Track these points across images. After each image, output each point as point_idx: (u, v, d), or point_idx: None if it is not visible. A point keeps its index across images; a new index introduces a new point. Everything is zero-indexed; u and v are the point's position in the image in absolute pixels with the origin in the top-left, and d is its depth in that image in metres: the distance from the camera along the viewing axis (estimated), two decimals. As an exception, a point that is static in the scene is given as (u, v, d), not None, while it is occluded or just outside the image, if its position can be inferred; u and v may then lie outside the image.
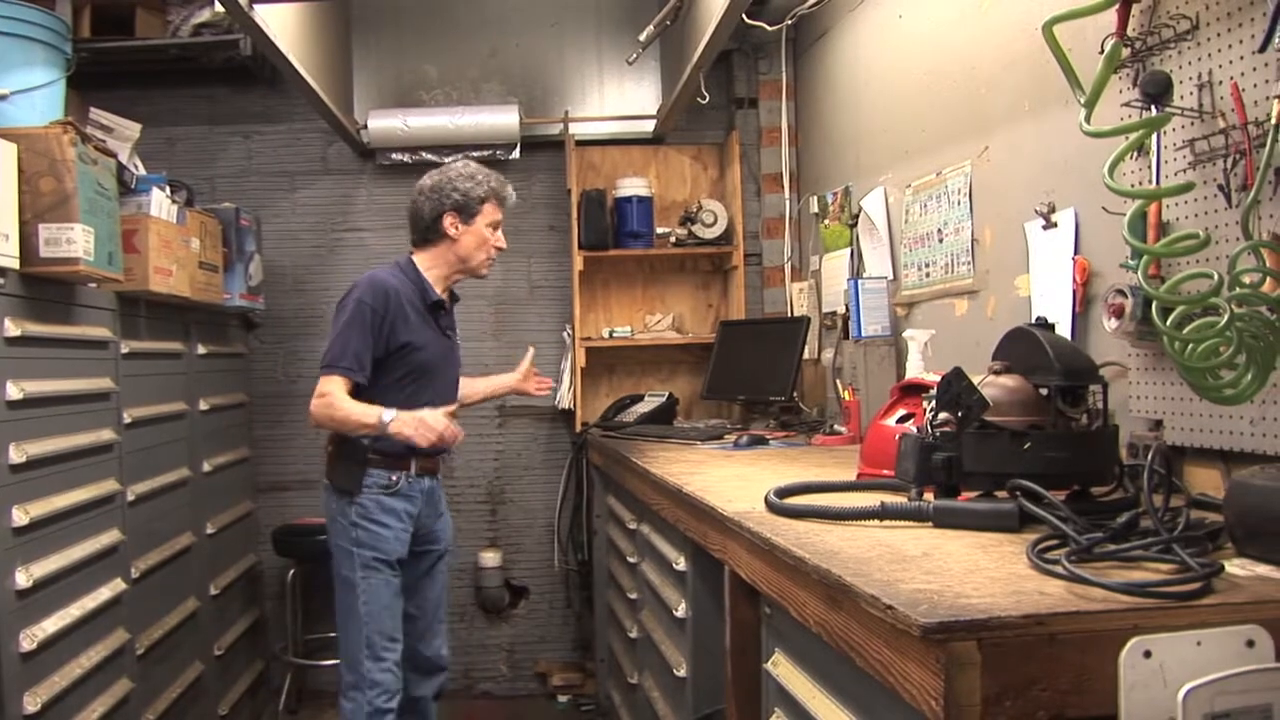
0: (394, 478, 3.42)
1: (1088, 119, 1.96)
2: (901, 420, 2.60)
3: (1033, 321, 2.25)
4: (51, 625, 2.80)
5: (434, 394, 3.44)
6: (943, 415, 2.08)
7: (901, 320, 3.84)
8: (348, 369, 3.28)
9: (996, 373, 2.15)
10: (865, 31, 4.24)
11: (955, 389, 2.04)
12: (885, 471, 2.47)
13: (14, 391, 2.67)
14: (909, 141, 3.80)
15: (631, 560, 3.89)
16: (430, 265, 3.50)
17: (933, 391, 2.16)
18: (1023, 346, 2.16)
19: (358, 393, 3.30)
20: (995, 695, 1.31)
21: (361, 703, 3.35)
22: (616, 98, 5.48)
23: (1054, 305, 2.75)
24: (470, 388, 3.86)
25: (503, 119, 5.17)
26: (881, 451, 2.54)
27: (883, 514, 2.01)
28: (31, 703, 2.67)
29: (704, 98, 4.81)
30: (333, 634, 5.05)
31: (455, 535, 3.78)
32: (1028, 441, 1.98)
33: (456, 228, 3.45)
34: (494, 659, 5.37)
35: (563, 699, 5.21)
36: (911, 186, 3.73)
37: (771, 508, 2.19)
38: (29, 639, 2.68)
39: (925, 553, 1.74)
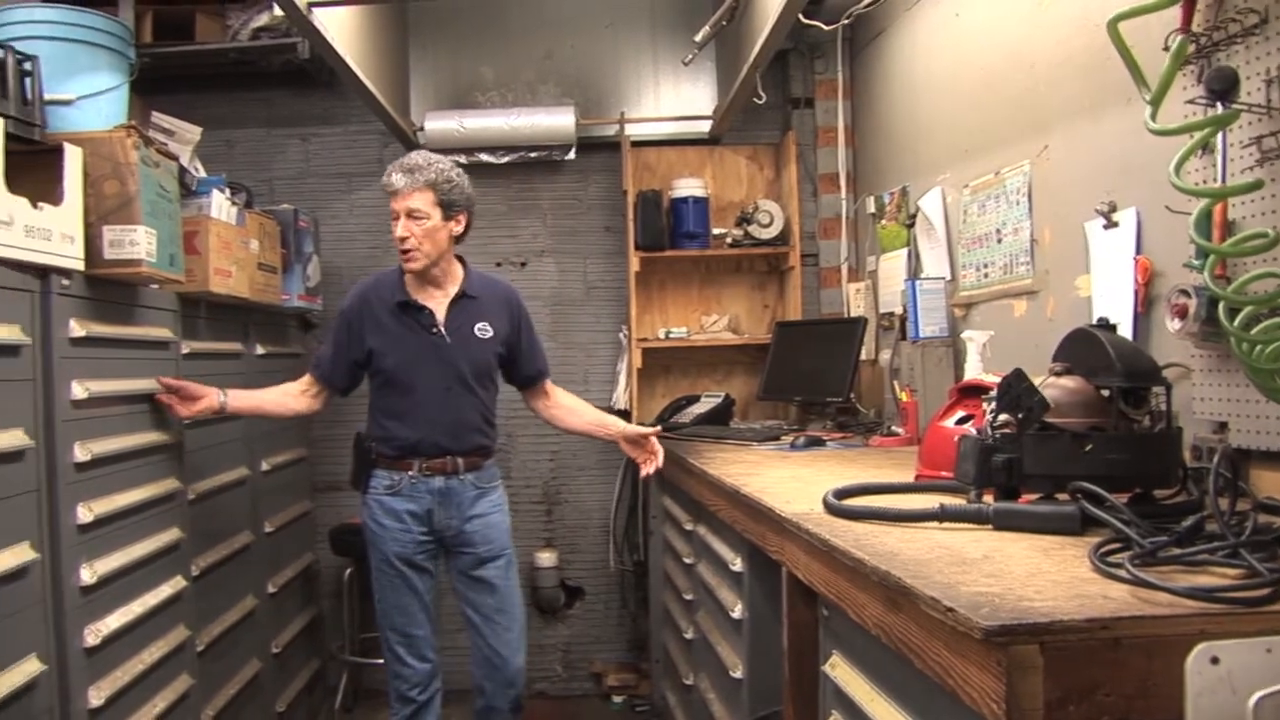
0: (395, 478, 3.51)
1: (1153, 116, 1.93)
2: (960, 422, 2.58)
3: (1094, 322, 2.22)
4: (115, 621, 2.83)
5: (418, 394, 3.47)
6: (1003, 417, 2.06)
7: (959, 321, 3.81)
8: (314, 366, 3.65)
9: (1057, 374, 2.12)
10: (922, 30, 4.21)
11: (1016, 390, 2.02)
12: (944, 473, 2.45)
13: (79, 391, 2.71)
14: (967, 141, 3.77)
15: (687, 561, 3.88)
16: None
17: (993, 393, 2.14)
18: (1084, 347, 2.13)
19: (377, 397, 3.57)
20: (1058, 700, 1.29)
21: (391, 689, 3.62)
22: (672, 98, 5.48)
23: (1115, 306, 2.71)
24: (576, 415, 3.81)
25: (559, 120, 5.18)
26: (940, 453, 2.52)
27: (942, 516, 1.99)
28: (96, 697, 2.70)
29: (760, 98, 4.80)
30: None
31: (507, 538, 3.67)
32: (1089, 443, 1.95)
33: None
34: (550, 659, 5.38)
35: (617, 699, 5.21)
36: (969, 186, 3.69)
37: (830, 509, 2.18)
38: (93, 634, 2.71)
39: (986, 555, 1.72)
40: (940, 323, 3.84)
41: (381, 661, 4.88)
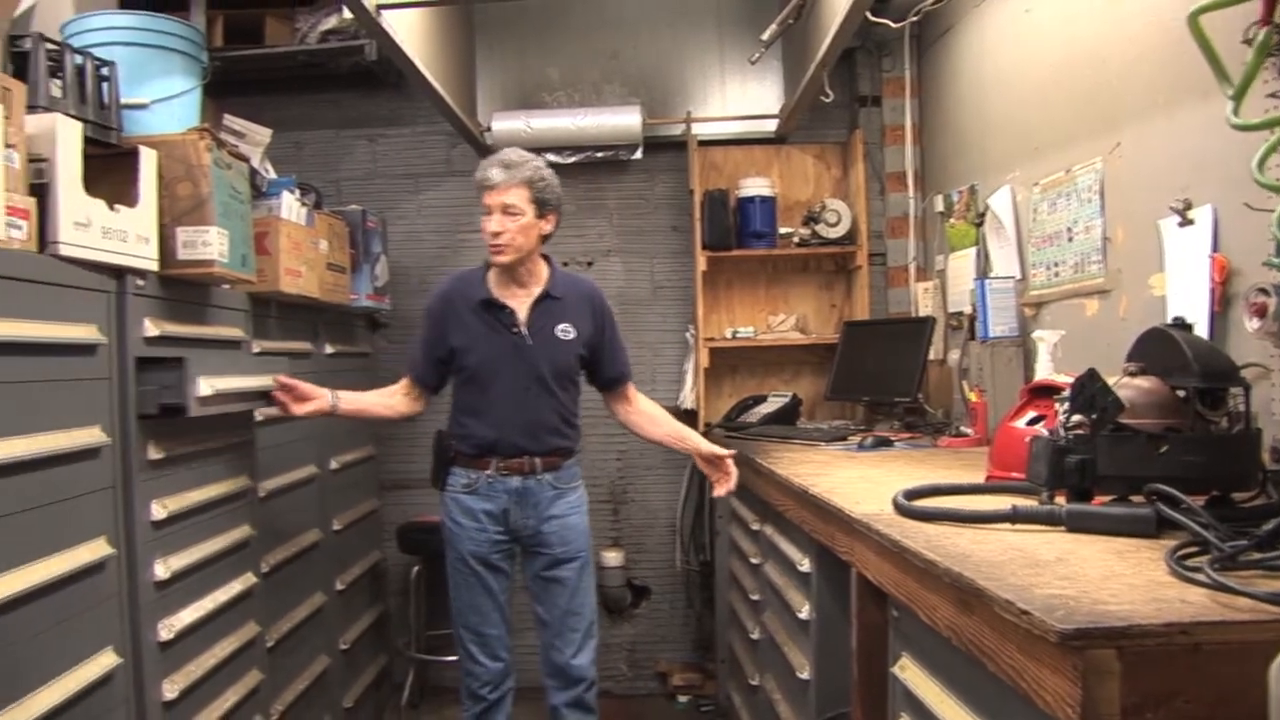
0: (472, 477, 3.50)
1: (1235, 111, 1.89)
2: (1032, 422, 2.55)
3: (1169, 321, 2.19)
4: (188, 616, 2.86)
5: (496, 393, 3.45)
6: (1076, 417, 2.03)
7: (1029, 321, 3.76)
8: (409, 368, 3.65)
9: (1131, 374, 2.09)
10: (991, 26, 4.16)
11: (1090, 390, 1.99)
12: (1015, 474, 2.42)
13: (152, 389, 2.75)
14: (1037, 138, 3.72)
15: (754, 561, 3.87)
16: None
17: (1065, 393, 2.11)
18: (1159, 347, 2.10)
19: (458, 394, 3.57)
20: (1135, 706, 1.27)
21: (463, 686, 3.62)
22: (739, 97, 5.46)
23: (1190, 305, 2.66)
24: (655, 424, 3.75)
25: (625, 120, 5.19)
26: (1011, 454, 2.49)
27: (1014, 517, 1.97)
28: (169, 690, 2.74)
29: (828, 96, 4.78)
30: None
31: (584, 540, 3.62)
32: (1165, 445, 1.92)
33: None
34: (615, 658, 5.39)
35: (682, 699, 5.20)
36: (1039, 184, 3.65)
37: (900, 510, 2.16)
38: (167, 629, 2.75)
39: (1059, 557, 1.69)
40: (1010, 322, 3.80)
41: (447, 659, 4.97)
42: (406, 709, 5.04)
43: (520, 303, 3.50)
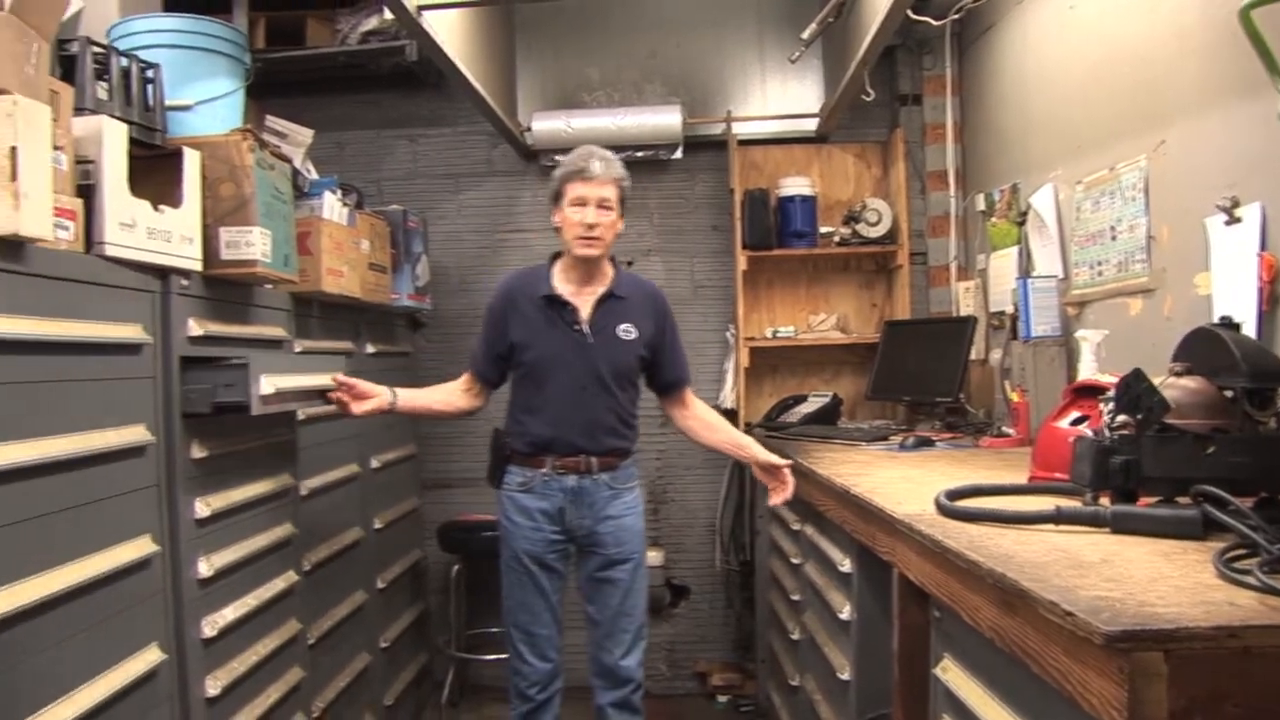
0: (528, 475, 3.49)
1: (1285, 107, 1.87)
2: (1075, 423, 2.53)
3: (1216, 321, 2.16)
4: (231, 613, 2.88)
5: (553, 390, 3.44)
6: (1121, 417, 2.01)
7: (1072, 320, 3.73)
8: (470, 363, 3.65)
9: (1177, 374, 2.07)
10: (1034, 23, 4.13)
11: (1135, 390, 1.97)
12: (1058, 475, 2.40)
13: (197, 388, 2.77)
14: (1079, 136, 3.69)
15: (795, 561, 3.86)
16: (562, 260, 3.55)
17: (1110, 393, 2.09)
18: (1205, 347, 2.07)
19: (515, 391, 3.55)
20: (1183, 709, 1.25)
21: (511, 684, 3.60)
22: (779, 96, 5.45)
23: (1237, 304, 2.63)
24: (712, 430, 3.70)
25: (665, 119, 5.19)
26: (1054, 454, 2.47)
27: (1058, 518, 1.95)
28: (213, 686, 2.76)
29: (868, 95, 4.75)
30: (495, 629, 5.17)
31: (639, 542, 3.60)
32: (1212, 445, 1.90)
33: (556, 217, 3.50)
34: (654, 658, 5.38)
35: (722, 699, 5.20)
36: (1083, 183, 3.62)
37: (942, 510, 2.15)
38: (210, 625, 2.77)
39: (1104, 559, 1.68)
40: (1052, 322, 3.77)
41: (487, 657, 4.99)
42: (446, 707, 5.06)
43: (584, 300, 3.48)
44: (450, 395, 3.64)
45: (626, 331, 3.49)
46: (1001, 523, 2.02)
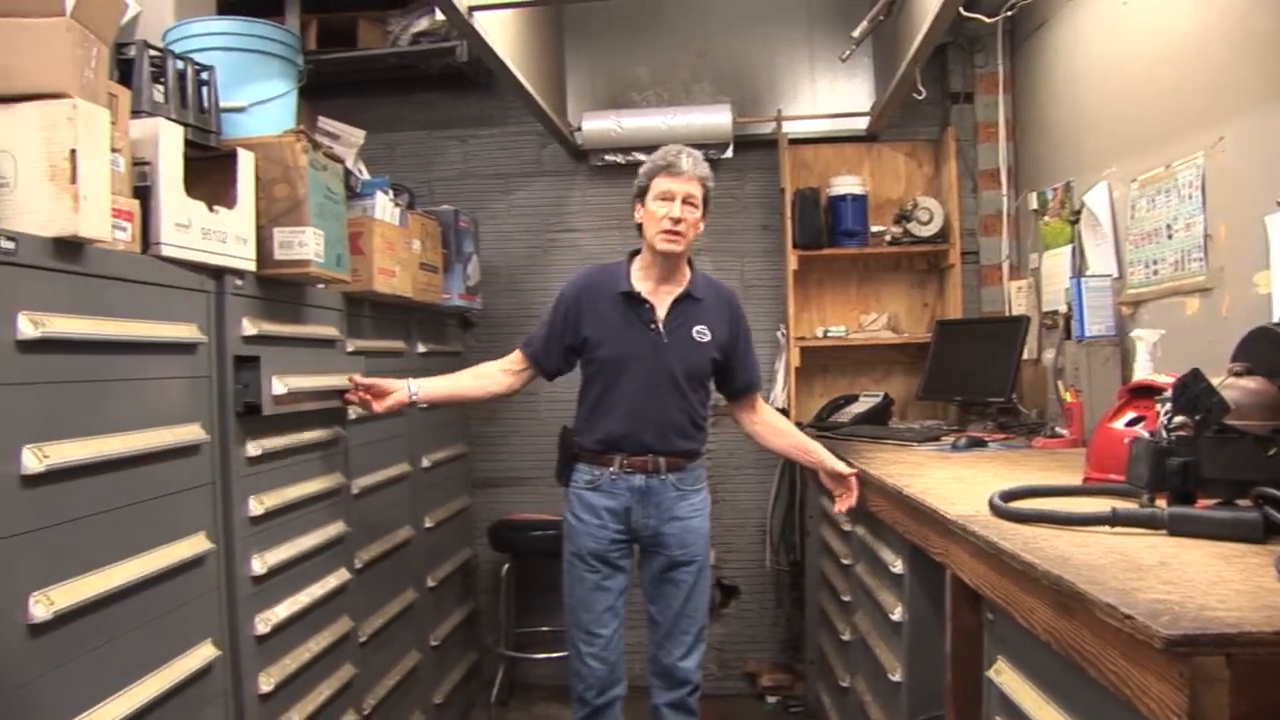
0: (596, 473, 3.47)
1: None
2: (1131, 423, 2.49)
3: (1276, 320, 2.13)
4: (284, 611, 2.91)
5: (625, 388, 3.42)
6: (1179, 418, 1.98)
7: (1127, 320, 3.68)
8: (525, 344, 3.62)
9: (1237, 374, 2.04)
10: (1087, 19, 4.08)
11: (1194, 390, 1.94)
12: (1113, 476, 2.38)
13: (250, 387, 2.79)
14: (1134, 133, 3.65)
15: (845, 562, 3.84)
16: (640, 257, 3.54)
17: (1167, 394, 2.06)
18: (1266, 346, 2.04)
19: (586, 388, 3.54)
20: (1245, 715, 1.23)
21: (572, 688, 3.57)
22: (829, 95, 5.43)
23: (1299, 303, 2.59)
24: (780, 435, 3.70)
25: (715, 119, 5.17)
26: (1110, 455, 2.44)
27: (1114, 520, 1.93)
28: (265, 682, 2.78)
29: (920, 93, 4.72)
30: (544, 628, 5.18)
31: (704, 544, 3.56)
32: (1273, 447, 1.87)
33: (639, 213, 3.48)
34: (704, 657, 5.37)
35: (771, 699, 5.18)
36: (1138, 180, 3.57)
37: (996, 511, 2.13)
38: (264, 622, 2.79)
39: (1162, 561, 1.66)
40: (1107, 321, 3.72)
41: (536, 656, 5.01)
42: (495, 706, 5.08)
43: (661, 300, 3.47)
44: (483, 379, 3.62)
45: (701, 334, 3.48)
46: (1056, 524, 2.00)
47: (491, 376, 3.62)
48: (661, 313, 3.45)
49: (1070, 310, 3.86)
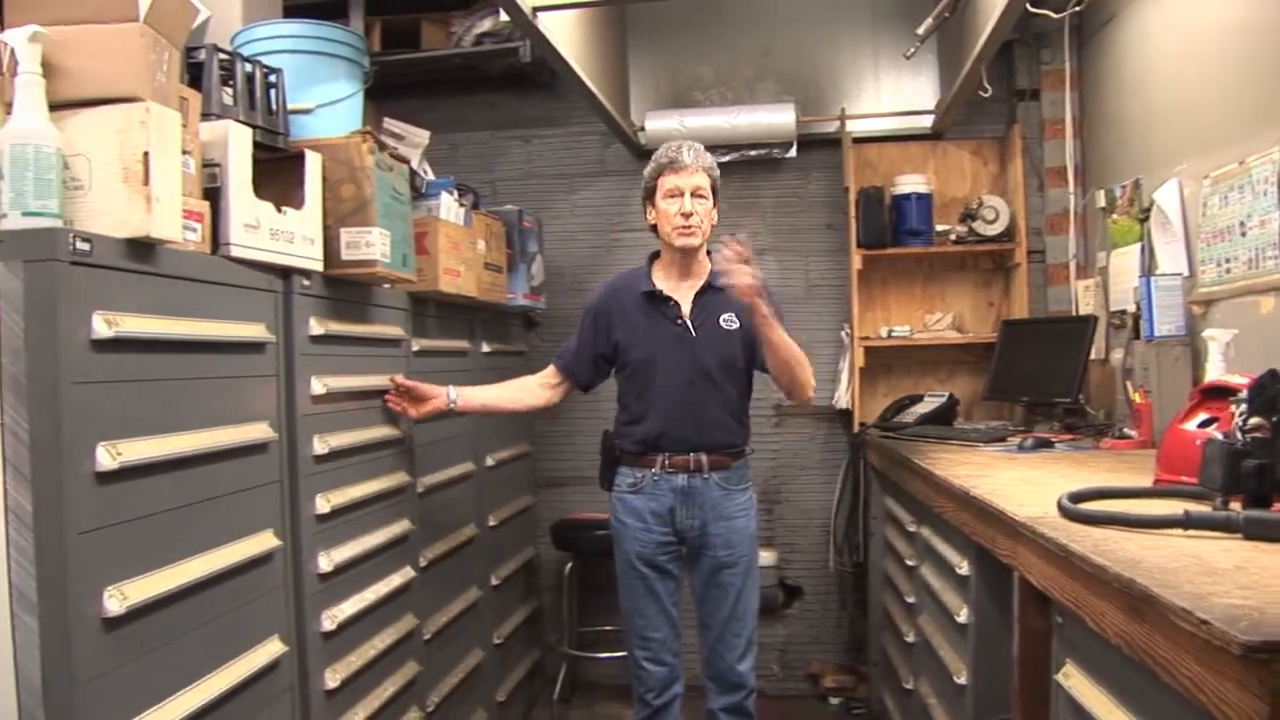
0: (638, 476, 3.47)
1: None
2: (1204, 424, 2.45)
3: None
4: (349, 608, 2.93)
5: (659, 386, 3.41)
6: (1255, 420, 1.95)
7: (1198, 319, 3.62)
8: (558, 357, 3.66)
9: (1315, 374, 2.00)
10: (1157, 14, 4.02)
11: (1271, 391, 1.91)
12: (1185, 478, 2.33)
13: (317, 386, 2.82)
14: (1207, 130, 3.58)
15: (910, 563, 3.81)
16: (660, 258, 3.56)
17: (1241, 394, 2.03)
18: (1345, 346, 2.00)
19: (622, 391, 3.54)
20: (1329, 724, 1.21)
21: (633, 689, 3.59)
22: (893, 93, 5.39)
23: (1379, 302, 2.54)
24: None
25: (779, 118, 5.15)
26: (1181, 457, 2.40)
27: (1187, 523, 1.89)
28: (331, 679, 2.81)
29: (986, 91, 4.68)
30: (607, 627, 5.19)
31: (750, 545, 3.52)
32: (1353, 449, 1.83)
33: (650, 215, 3.50)
34: (767, 658, 5.35)
35: (834, 701, 5.15)
36: (1210, 177, 3.51)
37: (1065, 513, 2.10)
38: (330, 619, 2.82)
39: (1238, 566, 1.62)
40: (1177, 321, 3.66)
41: (599, 655, 5.02)
42: (557, 704, 5.08)
43: (684, 295, 3.46)
44: (519, 392, 3.66)
45: (729, 321, 3.45)
46: (1127, 527, 1.97)
47: (529, 390, 3.66)
48: (686, 307, 3.45)
49: (1139, 310, 3.80)
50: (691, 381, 3.39)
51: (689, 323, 3.43)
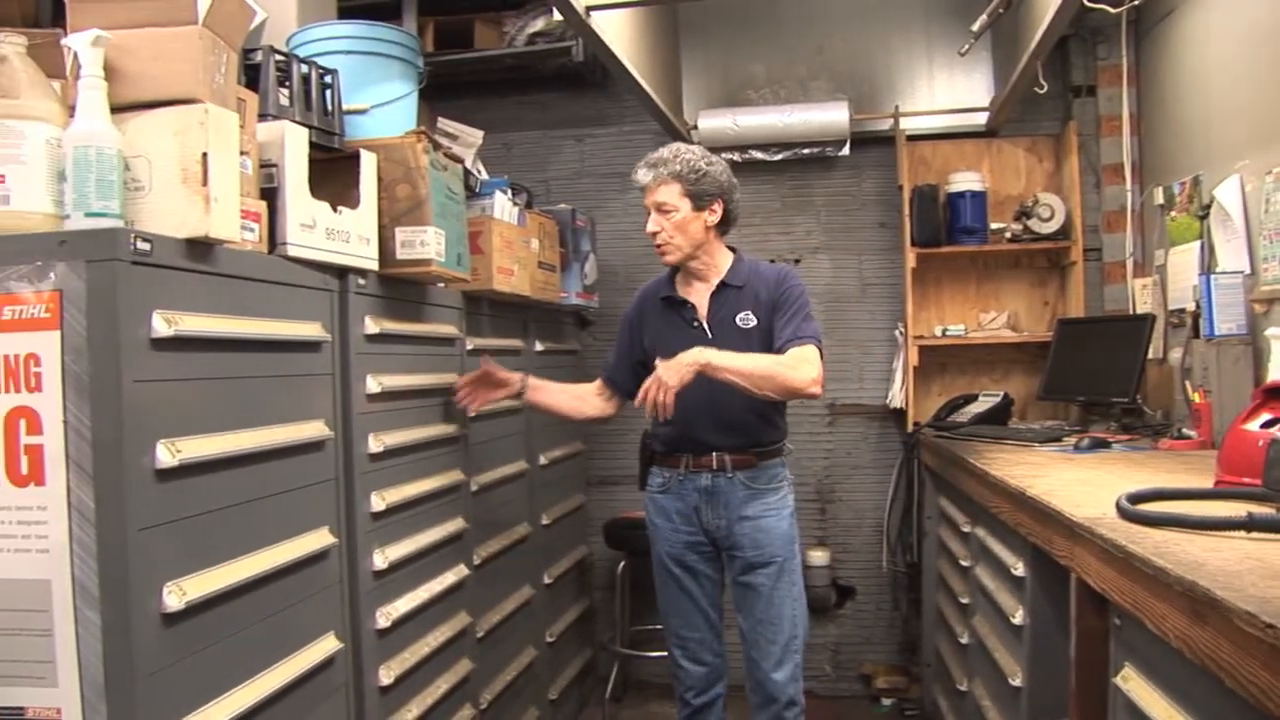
0: (667, 476, 3.48)
1: None
2: (1267, 425, 2.41)
3: None
4: (404, 605, 2.95)
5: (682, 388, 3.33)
6: (1319, 420, 1.92)
7: (1260, 318, 3.57)
8: (603, 369, 3.71)
9: (1382, 375, 1.96)
10: (1218, 7, 3.96)
11: (1335, 392, 1.88)
12: (1247, 479, 2.30)
13: (373, 385, 2.84)
14: (1269, 125, 3.52)
15: (964, 564, 3.78)
16: None
17: (1306, 395, 2.00)
18: None
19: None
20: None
21: (674, 688, 3.60)
22: (947, 90, 5.35)
23: None
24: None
25: (832, 116, 5.13)
26: (1243, 458, 2.37)
27: (1251, 525, 1.87)
28: (385, 676, 2.83)
29: (1041, 87, 4.63)
30: (659, 625, 5.19)
31: (781, 545, 3.40)
32: None
33: None
34: (819, 658, 5.34)
35: (886, 702, 5.12)
36: (1273, 173, 3.45)
37: (1124, 514, 2.08)
38: (384, 616, 2.84)
39: (1305, 569, 1.60)
40: (1238, 319, 3.61)
41: (651, 654, 5.02)
42: (609, 703, 5.09)
43: (700, 297, 3.44)
44: (579, 400, 3.67)
45: (745, 320, 3.38)
46: (1189, 528, 1.94)
47: (587, 399, 3.68)
48: (703, 309, 3.43)
49: (1198, 308, 3.75)
50: (708, 381, 3.24)
51: (705, 323, 3.41)
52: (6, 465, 1.91)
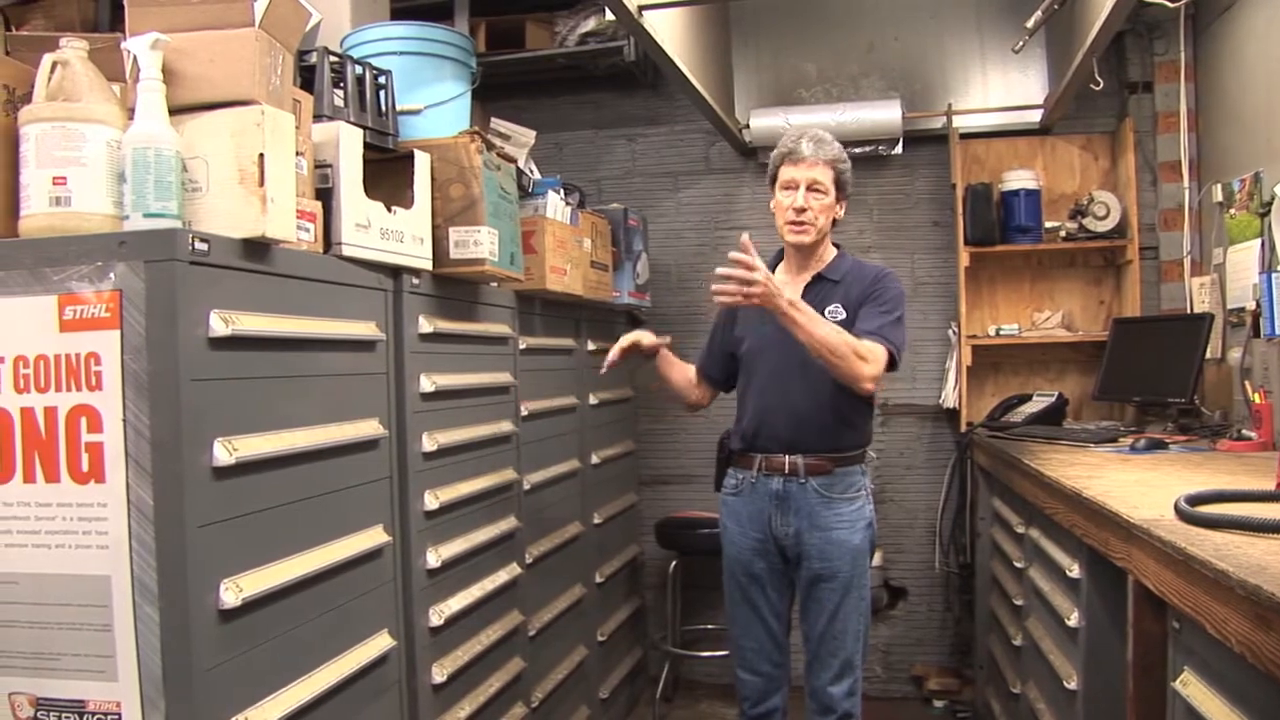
0: (740, 478, 3.39)
1: None
2: (1330, 426, 2.38)
3: None
4: (456, 603, 2.97)
5: (760, 380, 3.32)
6: (1384, 422, 1.88)
7: (1323, 317, 3.52)
8: (699, 359, 3.64)
9: None
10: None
11: (1401, 393, 1.84)
12: (1311, 482, 2.27)
13: (426, 384, 2.86)
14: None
15: (1018, 565, 3.75)
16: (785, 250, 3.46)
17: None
18: None
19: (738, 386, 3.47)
20: None
21: (737, 693, 3.50)
22: (1000, 88, 5.30)
23: None
24: None
25: (884, 114, 5.11)
26: (1306, 460, 2.34)
27: (1315, 528, 1.84)
28: (439, 673, 2.85)
29: (1097, 84, 4.57)
30: (710, 625, 5.19)
31: (851, 560, 3.26)
32: None
33: (772, 203, 3.41)
34: (871, 659, 5.30)
35: (938, 704, 5.09)
36: (1337, 169, 3.41)
37: (1184, 516, 2.05)
38: (438, 614, 2.85)
39: (1369, 574, 1.57)
40: (1300, 318, 3.56)
41: (702, 654, 5.03)
42: (660, 702, 5.09)
43: (795, 287, 3.30)
44: (690, 384, 3.60)
45: (834, 313, 3.25)
46: (1250, 531, 1.91)
47: (694, 384, 3.60)
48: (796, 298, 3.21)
49: (1259, 307, 3.70)
50: (787, 373, 3.23)
51: None
52: (68, 462, 1.94)
